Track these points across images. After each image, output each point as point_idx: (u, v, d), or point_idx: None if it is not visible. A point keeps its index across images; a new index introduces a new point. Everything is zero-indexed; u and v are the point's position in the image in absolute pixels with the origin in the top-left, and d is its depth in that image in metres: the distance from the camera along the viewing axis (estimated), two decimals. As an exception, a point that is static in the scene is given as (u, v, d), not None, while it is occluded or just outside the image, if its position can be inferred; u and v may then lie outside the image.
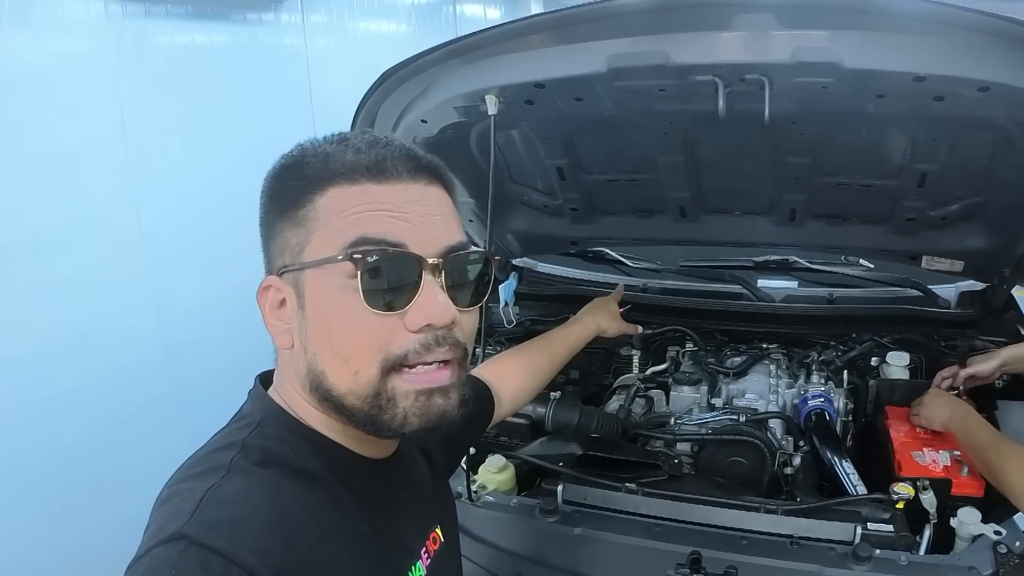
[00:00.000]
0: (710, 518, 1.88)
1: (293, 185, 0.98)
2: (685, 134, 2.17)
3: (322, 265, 0.95)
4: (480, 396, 1.59)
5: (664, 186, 2.42)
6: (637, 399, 2.46)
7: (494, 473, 2.10)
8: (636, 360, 2.63)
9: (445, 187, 1.04)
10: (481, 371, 1.73)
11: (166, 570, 0.81)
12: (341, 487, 0.99)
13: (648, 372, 2.61)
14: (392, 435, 0.99)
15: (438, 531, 1.19)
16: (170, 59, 3.65)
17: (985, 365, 2.24)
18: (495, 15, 8.09)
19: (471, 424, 1.48)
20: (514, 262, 2.91)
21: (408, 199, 0.97)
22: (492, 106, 1.89)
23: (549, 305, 2.86)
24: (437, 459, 1.30)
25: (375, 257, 0.92)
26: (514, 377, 1.81)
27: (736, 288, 2.75)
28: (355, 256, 0.92)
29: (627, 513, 1.92)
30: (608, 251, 2.96)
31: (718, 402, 2.39)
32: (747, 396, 2.38)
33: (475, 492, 2.03)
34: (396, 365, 0.95)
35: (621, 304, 2.34)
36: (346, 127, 2.09)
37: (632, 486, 1.96)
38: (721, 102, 1.72)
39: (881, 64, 1.62)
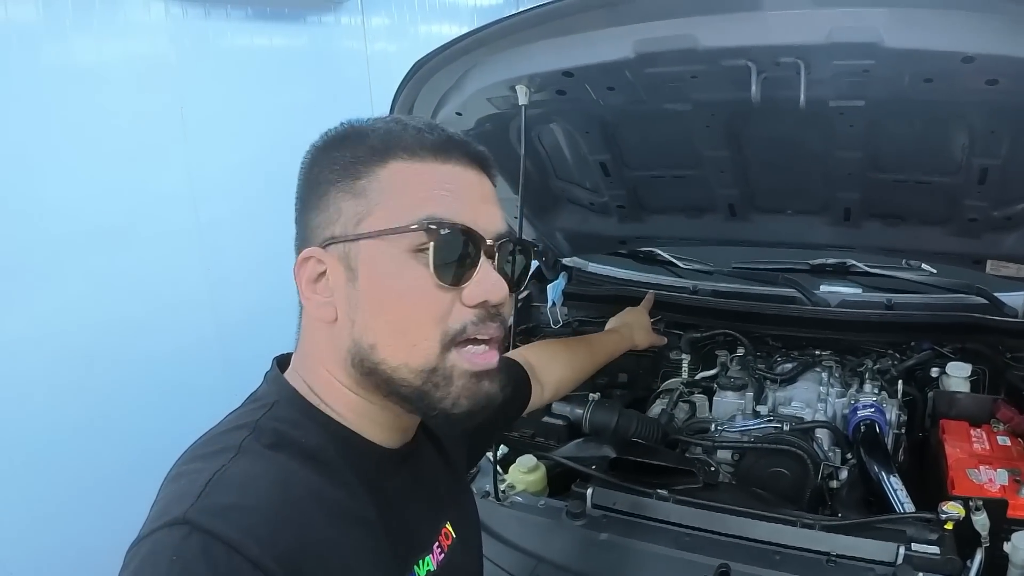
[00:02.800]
0: (743, 530, 1.80)
1: (348, 156, 0.99)
2: (728, 127, 2.08)
3: (384, 237, 0.95)
4: (518, 382, 1.61)
5: (711, 183, 2.34)
6: (680, 404, 2.38)
7: (524, 473, 2.06)
8: (685, 364, 2.54)
9: (491, 179, 1.07)
10: (524, 354, 1.74)
11: (167, 555, 0.80)
12: (352, 474, 0.98)
13: (697, 376, 2.52)
14: (438, 414, 0.99)
15: (449, 527, 1.17)
16: (229, 60, 3.72)
17: None
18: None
19: (503, 408, 1.47)
20: (563, 261, 2.85)
21: (467, 183, 1.01)
22: (523, 96, 1.86)
23: (598, 306, 2.79)
24: (450, 449, 1.28)
25: (447, 231, 0.95)
26: (558, 365, 1.82)
27: (790, 292, 2.64)
28: (431, 227, 0.94)
29: (656, 520, 1.86)
30: (659, 252, 2.88)
31: (763, 409, 2.29)
32: (794, 404, 2.28)
33: (503, 492, 1.99)
34: (454, 340, 0.97)
35: (652, 315, 2.36)
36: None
37: (663, 493, 1.89)
38: (755, 88, 1.63)
39: (925, 43, 1.51)
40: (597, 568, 1.76)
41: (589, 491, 1.91)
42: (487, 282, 0.98)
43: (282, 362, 1.10)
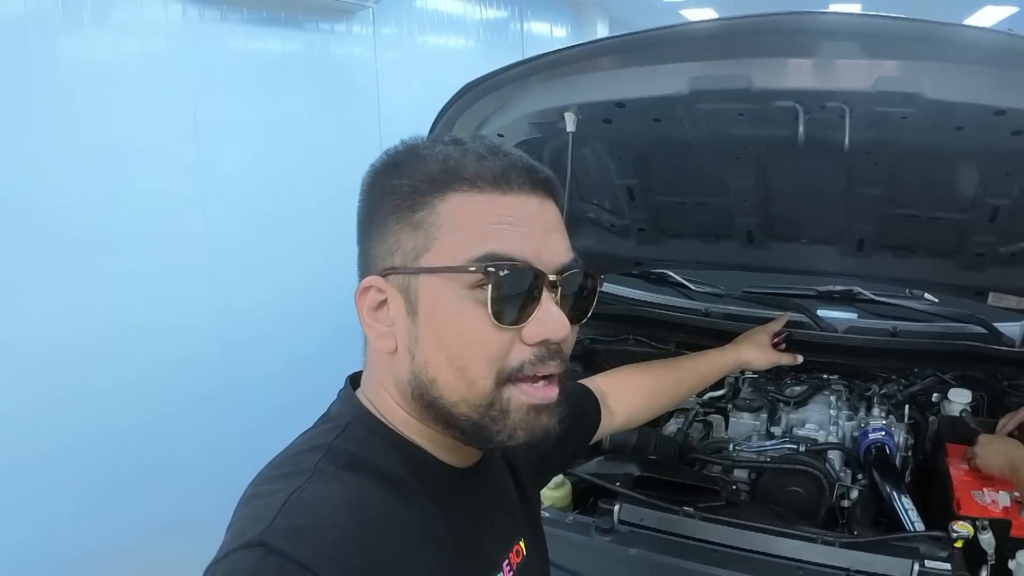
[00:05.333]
0: (767, 546, 1.86)
1: (406, 185, 0.96)
2: (759, 159, 2.17)
3: (444, 273, 0.93)
4: (587, 408, 1.57)
5: (734, 211, 2.42)
6: (696, 423, 2.45)
7: (551, 489, 2.10)
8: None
9: (557, 202, 1.03)
10: (599, 381, 1.68)
11: None
12: (425, 494, 0.98)
13: (706, 397, 2.59)
14: (495, 446, 0.98)
15: (521, 544, 1.16)
16: (243, 64, 3.72)
17: None
18: (561, 33, 8.15)
19: (566, 438, 1.43)
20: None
21: (529, 213, 0.97)
22: (571, 123, 1.91)
23: (609, 325, 2.86)
24: (522, 472, 1.27)
25: (506, 272, 0.91)
26: (633, 394, 1.75)
27: (799, 317, 2.73)
28: (488, 269, 0.91)
29: (683, 537, 1.90)
30: (671, 274, 2.95)
31: (777, 430, 2.37)
32: (807, 426, 2.35)
33: (531, 507, 2.03)
34: (511, 377, 0.95)
35: (781, 338, 2.16)
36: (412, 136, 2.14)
37: (690, 510, 1.94)
38: (801, 128, 1.72)
39: (963, 96, 1.61)
40: None
41: (617, 507, 1.95)
42: (548, 321, 0.94)
43: (354, 380, 1.08)
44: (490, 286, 0.91)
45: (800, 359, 2.14)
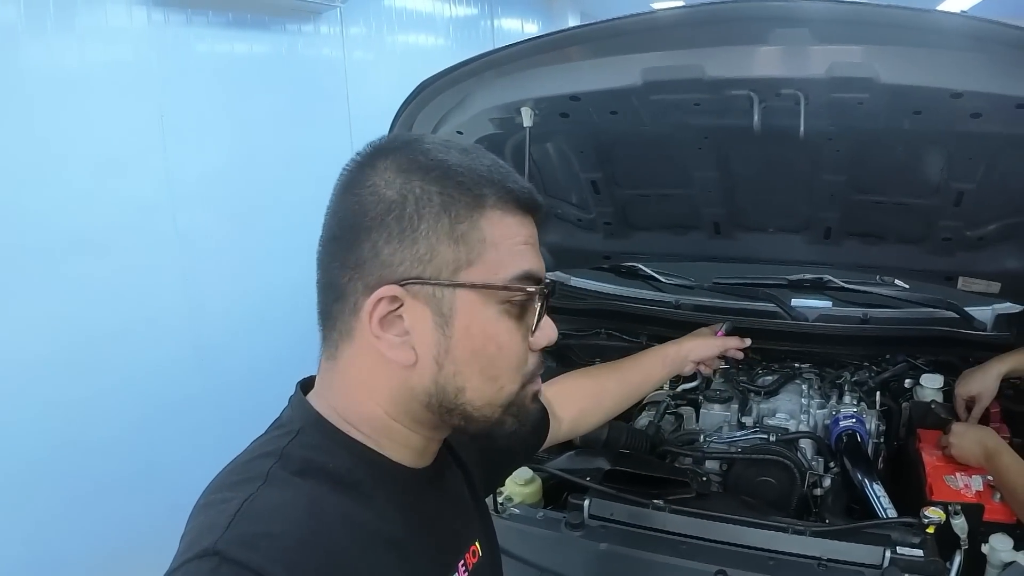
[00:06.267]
0: (738, 537, 1.85)
1: (440, 192, 0.94)
2: (720, 150, 2.16)
3: (483, 290, 0.96)
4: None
5: (699, 202, 2.42)
6: (667, 416, 2.44)
7: (521, 486, 2.09)
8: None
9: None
10: (543, 389, 1.69)
11: None
12: (380, 496, 0.98)
13: (679, 389, 2.59)
14: (504, 436, 1.05)
15: (477, 545, 1.17)
16: (210, 67, 3.71)
17: (978, 384, 2.22)
18: (532, 29, 8.12)
19: (518, 444, 1.48)
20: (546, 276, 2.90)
21: (533, 233, 1.03)
22: (527, 118, 1.91)
23: (580, 319, 2.86)
24: (474, 473, 1.27)
25: (537, 290, 0.99)
26: (579, 399, 1.77)
27: (769, 306, 2.73)
28: (530, 289, 0.98)
29: (653, 530, 1.90)
30: (641, 267, 2.95)
31: (748, 421, 2.36)
32: (778, 415, 2.35)
33: (501, 504, 2.02)
34: (527, 380, 1.03)
35: (724, 328, 2.13)
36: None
37: (659, 503, 1.94)
38: (756, 117, 1.72)
39: (918, 80, 1.61)
40: None
41: (587, 502, 1.94)
42: (548, 329, 1.03)
43: (305, 385, 1.07)
44: (528, 303, 0.99)
45: (748, 342, 2.10)
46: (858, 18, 1.57)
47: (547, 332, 1.03)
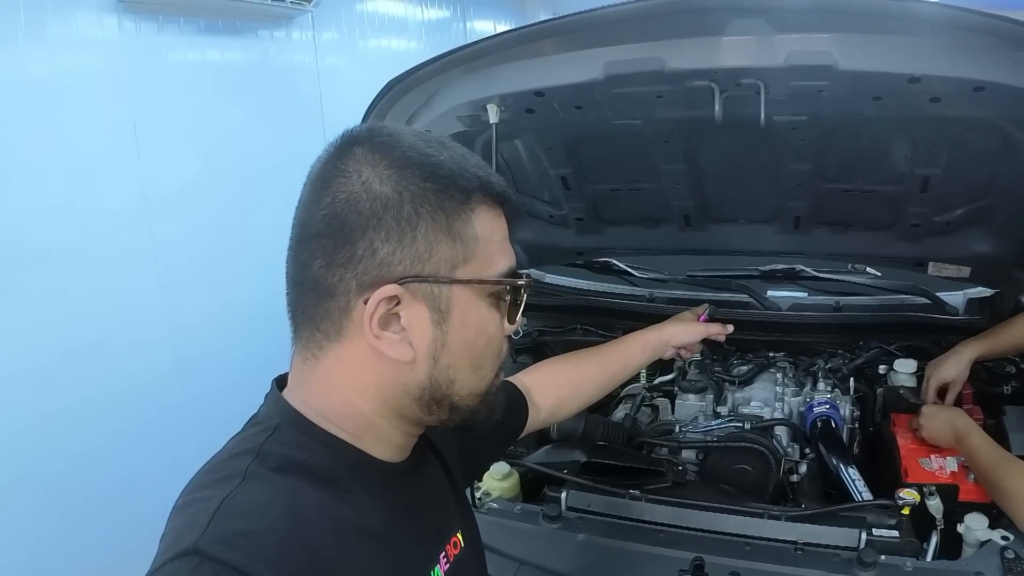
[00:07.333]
0: (714, 524, 1.88)
1: (433, 190, 0.94)
2: (686, 142, 2.18)
3: (477, 285, 0.99)
4: (513, 404, 1.58)
5: (668, 195, 2.44)
6: (643, 408, 2.46)
7: (498, 480, 2.10)
8: (644, 370, 2.61)
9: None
10: (522, 377, 1.70)
11: None
12: (360, 490, 0.98)
13: (656, 381, 2.61)
14: (480, 424, 1.09)
15: (459, 536, 1.18)
16: (183, 75, 3.69)
17: (951, 370, 2.25)
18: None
19: (494, 434, 1.46)
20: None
21: (506, 227, 1.06)
22: (493, 115, 1.92)
23: (556, 316, 2.87)
24: (452, 465, 1.28)
25: (522, 283, 1.03)
26: (557, 386, 1.75)
27: (743, 297, 2.75)
28: (515, 282, 1.02)
29: (631, 520, 1.92)
30: (615, 262, 2.96)
31: (724, 410, 2.37)
32: (752, 404, 2.37)
33: (479, 499, 2.03)
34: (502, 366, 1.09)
35: (707, 312, 2.11)
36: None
37: (636, 493, 1.96)
38: (717, 107, 1.74)
39: (875, 66, 1.64)
40: (577, 568, 1.80)
41: (564, 494, 1.96)
42: (517, 318, 1.06)
43: (280, 382, 1.06)
44: (513, 296, 1.03)
45: (730, 328, 2.08)
46: (815, 6, 1.60)
47: (516, 320, 1.07)
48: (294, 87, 4.25)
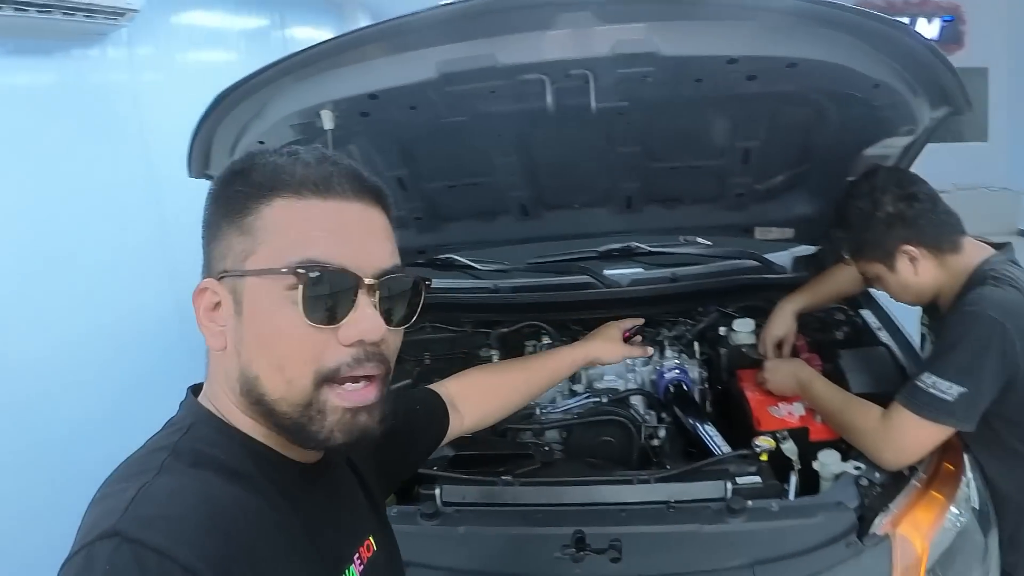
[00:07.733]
0: (588, 497, 1.93)
1: (240, 191, 1.01)
2: (519, 134, 2.24)
3: (264, 275, 0.98)
4: (433, 412, 1.61)
5: (503, 187, 2.50)
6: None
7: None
8: (495, 359, 2.66)
9: (384, 209, 1.08)
10: (447, 385, 1.72)
11: (100, 566, 0.81)
12: (272, 487, 1.00)
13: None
14: (316, 446, 1.03)
15: (371, 540, 1.19)
16: (-7, 101, 3.44)
17: (779, 326, 2.42)
18: (326, 35, 7.82)
19: (413, 443, 1.52)
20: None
21: (350, 218, 1.02)
22: (328, 121, 1.91)
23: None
24: (367, 471, 1.29)
25: (317, 274, 0.96)
26: (482, 395, 1.78)
27: (584, 278, 2.85)
28: (299, 271, 0.96)
29: (508, 505, 1.95)
30: (457, 257, 3.01)
31: (579, 387, 2.46)
32: (606, 378, 2.46)
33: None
34: (328, 378, 0.99)
35: (632, 331, 2.15)
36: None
37: (508, 478, 1.99)
38: (549, 98, 1.80)
39: (696, 50, 1.74)
40: (463, 560, 1.82)
41: (438, 490, 1.96)
42: (363, 322, 0.99)
43: (196, 389, 1.10)
44: (301, 288, 0.96)
45: (650, 351, 2.20)
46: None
47: (360, 326, 0.99)
48: (112, 108, 4.02)
